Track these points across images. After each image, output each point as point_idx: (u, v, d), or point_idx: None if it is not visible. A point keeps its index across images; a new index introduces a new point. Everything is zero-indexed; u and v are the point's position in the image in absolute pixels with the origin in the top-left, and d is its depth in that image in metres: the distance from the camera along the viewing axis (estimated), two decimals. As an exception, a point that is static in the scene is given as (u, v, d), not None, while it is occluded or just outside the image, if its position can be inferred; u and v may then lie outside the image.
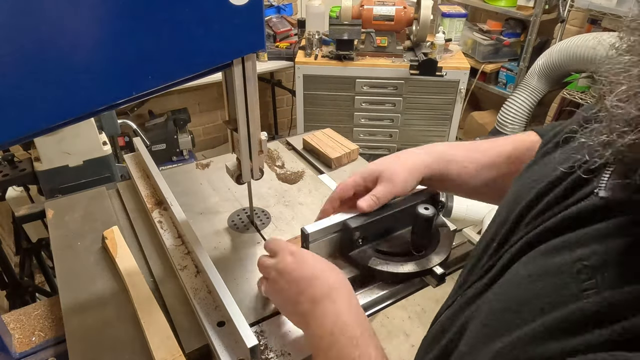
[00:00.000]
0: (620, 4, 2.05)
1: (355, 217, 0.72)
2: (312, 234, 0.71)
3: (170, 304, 0.70)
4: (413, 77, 2.15)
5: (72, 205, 0.93)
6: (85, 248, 0.82)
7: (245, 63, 0.60)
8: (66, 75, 0.44)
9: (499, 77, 2.77)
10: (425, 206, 0.70)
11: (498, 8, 2.65)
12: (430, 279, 0.74)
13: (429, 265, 0.72)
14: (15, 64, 0.41)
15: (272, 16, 2.71)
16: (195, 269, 0.73)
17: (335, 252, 0.77)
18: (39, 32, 0.41)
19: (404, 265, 0.73)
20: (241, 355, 0.60)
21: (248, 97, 0.64)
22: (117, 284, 0.74)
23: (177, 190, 0.92)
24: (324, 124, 1.35)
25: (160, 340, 0.62)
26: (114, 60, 0.46)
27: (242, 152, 0.70)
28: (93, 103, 0.48)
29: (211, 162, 1.07)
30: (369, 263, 0.73)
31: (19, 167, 1.41)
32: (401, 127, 2.39)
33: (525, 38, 2.56)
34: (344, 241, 0.74)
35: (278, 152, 1.12)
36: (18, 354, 0.70)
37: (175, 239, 0.80)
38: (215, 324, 0.64)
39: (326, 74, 2.25)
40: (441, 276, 0.72)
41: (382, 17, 2.20)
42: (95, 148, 1.44)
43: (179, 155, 2.74)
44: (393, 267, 0.73)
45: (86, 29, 0.44)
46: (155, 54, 0.48)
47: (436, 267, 0.72)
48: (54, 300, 0.78)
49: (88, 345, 0.65)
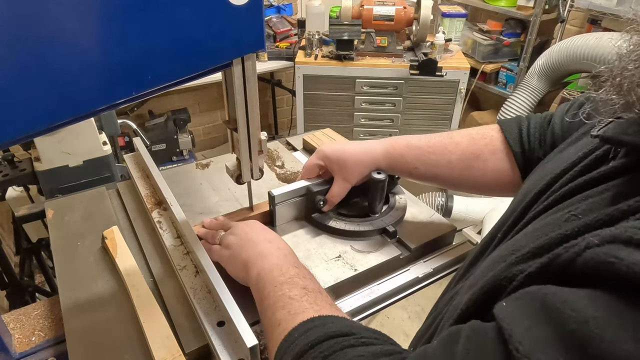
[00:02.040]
0: (621, 4, 2.05)
1: (317, 182, 0.84)
2: (277, 196, 0.82)
3: (170, 304, 0.70)
4: (413, 77, 2.15)
5: (72, 205, 0.93)
6: (85, 248, 0.82)
7: (245, 63, 0.60)
8: (66, 75, 0.44)
9: (499, 77, 2.77)
10: (378, 171, 0.80)
11: (498, 8, 2.65)
12: (385, 238, 0.82)
13: (383, 225, 0.81)
14: (15, 64, 0.41)
15: (272, 16, 2.71)
16: (195, 269, 0.73)
17: (300, 215, 0.88)
18: (39, 32, 0.41)
19: (360, 224, 0.82)
20: (241, 355, 0.60)
21: (248, 97, 0.64)
22: (117, 284, 0.74)
23: (177, 190, 0.92)
24: (324, 124, 1.35)
25: (160, 340, 0.62)
26: (114, 60, 0.46)
27: (242, 152, 0.70)
28: (93, 103, 0.48)
29: (211, 162, 1.07)
30: (329, 223, 0.82)
31: (19, 167, 1.41)
32: (401, 127, 2.39)
33: (525, 38, 2.56)
34: (307, 204, 0.84)
35: (278, 152, 1.12)
36: (18, 354, 0.70)
37: (175, 239, 0.80)
38: (215, 324, 0.64)
39: (326, 74, 2.25)
40: (393, 233, 0.80)
41: (382, 17, 2.20)
42: (95, 148, 1.44)
43: (179, 155, 2.74)
44: (350, 227, 0.82)
45: (86, 29, 0.44)
46: (155, 54, 0.48)
47: (389, 226, 0.81)
48: (54, 300, 0.78)
49: (88, 345, 0.64)
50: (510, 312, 0.34)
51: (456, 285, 0.55)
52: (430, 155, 0.77)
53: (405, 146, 0.79)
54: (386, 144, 0.80)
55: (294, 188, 0.83)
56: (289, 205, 0.85)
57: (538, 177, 0.52)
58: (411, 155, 0.78)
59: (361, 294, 0.74)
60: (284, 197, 0.83)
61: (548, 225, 0.40)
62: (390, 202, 0.87)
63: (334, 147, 0.82)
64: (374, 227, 0.81)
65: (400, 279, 0.77)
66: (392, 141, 0.81)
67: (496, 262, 0.42)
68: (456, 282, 0.57)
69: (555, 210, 0.42)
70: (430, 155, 0.77)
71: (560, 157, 0.53)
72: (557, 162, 0.51)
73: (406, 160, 0.79)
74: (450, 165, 0.76)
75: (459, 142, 0.77)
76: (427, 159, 0.77)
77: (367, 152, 0.80)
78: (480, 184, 0.77)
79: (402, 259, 0.80)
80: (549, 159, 0.57)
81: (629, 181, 0.38)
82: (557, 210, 0.42)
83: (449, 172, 0.77)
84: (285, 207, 0.85)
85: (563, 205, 0.42)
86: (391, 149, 0.80)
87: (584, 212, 0.38)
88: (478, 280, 0.42)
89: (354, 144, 0.82)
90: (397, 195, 0.89)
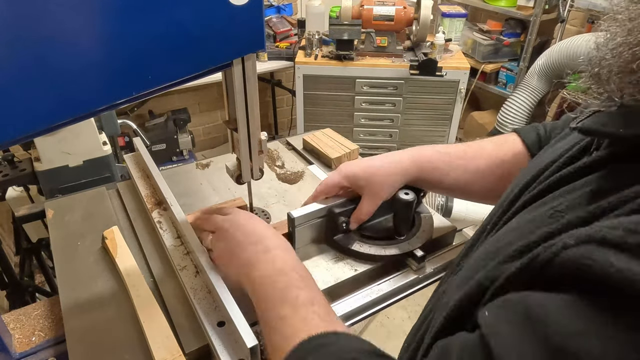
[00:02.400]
0: (620, 4, 2.05)
1: (339, 203, 0.77)
2: (297, 219, 0.76)
3: (170, 304, 0.70)
4: (413, 77, 2.15)
5: (72, 205, 0.93)
6: (85, 248, 0.82)
7: (245, 63, 0.60)
8: (66, 75, 0.44)
9: (499, 77, 2.78)
10: (405, 191, 0.75)
11: (498, 8, 2.65)
12: (411, 261, 0.77)
13: (410, 248, 0.75)
14: (15, 64, 0.41)
15: (272, 16, 2.71)
16: (195, 269, 0.73)
17: (320, 237, 0.81)
18: (39, 32, 0.41)
19: (385, 248, 0.76)
20: (241, 355, 0.60)
21: (248, 97, 0.64)
22: (117, 284, 0.74)
23: (177, 190, 0.92)
24: (324, 124, 1.35)
25: (160, 340, 0.62)
26: (114, 60, 0.46)
27: (242, 152, 0.70)
28: (93, 103, 0.48)
29: (211, 162, 1.07)
30: (352, 246, 0.76)
31: (19, 167, 1.41)
32: (401, 127, 2.39)
33: (525, 38, 2.56)
34: (329, 226, 0.78)
35: (278, 152, 1.12)
36: (18, 354, 0.70)
37: (175, 239, 0.80)
38: (215, 324, 0.64)
39: (326, 74, 2.25)
40: (421, 258, 0.75)
41: (382, 17, 2.20)
42: (95, 148, 1.44)
43: (179, 155, 2.74)
44: (375, 250, 0.76)
45: (86, 29, 0.44)
46: (155, 54, 0.48)
47: (417, 249, 0.75)
48: (54, 300, 0.78)
49: (88, 345, 0.64)
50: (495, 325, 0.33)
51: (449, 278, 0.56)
52: (459, 161, 0.75)
53: (433, 152, 0.76)
54: (412, 151, 0.77)
55: (315, 209, 0.77)
56: (309, 227, 0.79)
57: (527, 170, 0.52)
58: (441, 161, 0.75)
59: (361, 294, 0.74)
60: (304, 218, 0.77)
61: (533, 222, 0.40)
62: (416, 221, 0.81)
63: (359, 164, 0.77)
64: (400, 250, 0.76)
65: (400, 279, 0.77)
66: (419, 148, 0.78)
67: (482, 260, 0.42)
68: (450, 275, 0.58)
69: (541, 204, 0.42)
70: (459, 161, 0.75)
71: (549, 150, 0.54)
72: (546, 155, 0.52)
73: (436, 166, 0.75)
74: (478, 171, 0.74)
75: (484, 146, 0.75)
76: (456, 165, 0.75)
77: (395, 162, 0.76)
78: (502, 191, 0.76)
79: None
80: (540, 154, 0.57)
81: (610, 173, 0.38)
82: (542, 204, 0.42)
83: (476, 178, 0.74)
84: (305, 229, 0.79)
85: (548, 198, 0.42)
86: (418, 155, 0.76)
87: (567, 208, 0.38)
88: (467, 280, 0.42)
89: (378, 158, 0.78)
90: (422, 214, 0.82)
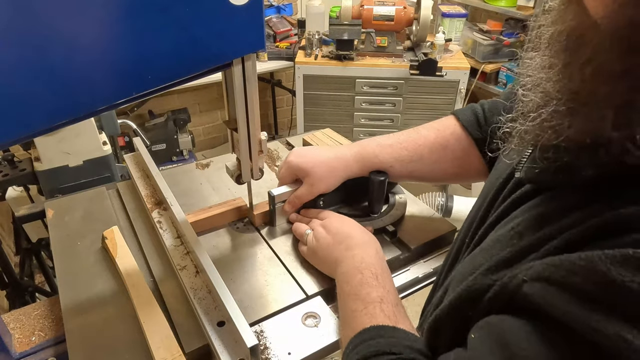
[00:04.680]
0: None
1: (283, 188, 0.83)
2: (277, 196, 0.82)
3: (170, 303, 0.70)
4: (413, 77, 2.15)
5: (72, 205, 0.93)
6: (85, 248, 0.82)
7: (245, 63, 0.60)
8: (66, 76, 0.44)
9: (499, 77, 2.77)
10: (377, 171, 0.80)
11: (498, 8, 2.65)
12: (383, 236, 0.82)
13: (382, 224, 0.82)
14: (15, 64, 0.41)
15: (272, 16, 2.71)
16: (195, 269, 0.73)
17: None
18: (40, 32, 0.41)
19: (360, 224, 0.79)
20: (241, 355, 0.60)
21: (248, 97, 0.64)
22: (117, 284, 0.74)
23: (177, 190, 0.92)
24: (324, 124, 1.35)
25: (160, 340, 0.62)
26: (114, 60, 0.46)
27: (242, 152, 0.70)
28: (93, 103, 0.48)
29: (211, 162, 1.07)
30: None
31: (19, 167, 1.41)
32: (401, 127, 2.38)
33: (525, 38, 2.56)
34: (307, 204, 0.84)
35: (278, 152, 1.12)
36: (18, 354, 0.70)
37: (175, 239, 0.80)
38: (215, 324, 0.64)
39: (326, 74, 2.25)
40: (393, 233, 0.81)
41: (382, 17, 2.20)
42: (95, 148, 1.44)
43: (179, 155, 2.74)
44: None
45: (86, 30, 0.44)
46: (155, 54, 0.48)
47: (389, 225, 0.81)
48: (54, 300, 0.78)
49: (88, 345, 0.64)
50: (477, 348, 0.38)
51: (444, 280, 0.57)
52: (403, 152, 0.78)
53: (377, 146, 0.79)
54: (356, 147, 0.80)
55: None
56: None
57: (493, 178, 0.55)
58: (385, 153, 0.79)
59: (361, 293, 0.74)
60: (284, 196, 0.83)
61: (499, 243, 0.44)
62: (390, 201, 0.87)
63: (307, 154, 0.80)
64: (373, 227, 0.80)
65: (400, 279, 0.77)
66: (363, 143, 0.81)
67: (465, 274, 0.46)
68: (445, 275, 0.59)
69: (505, 223, 0.46)
70: (403, 152, 0.78)
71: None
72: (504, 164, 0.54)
73: (381, 160, 0.78)
74: (422, 159, 0.78)
75: (427, 135, 0.78)
76: (400, 156, 0.78)
77: (338, 158, 0.79)
78: (450, 173, 0.79)
79: (402, 259, 0.80)
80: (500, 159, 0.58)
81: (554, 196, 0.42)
82: (506, 223, 0.46)
83: (422, 166, 0.78)
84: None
85: (510, 217, 0.46)
86: (363, 151, 0.79)
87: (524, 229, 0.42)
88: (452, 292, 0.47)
89: (326, 150, 0.81)
90: (397, 195, 0.89)
